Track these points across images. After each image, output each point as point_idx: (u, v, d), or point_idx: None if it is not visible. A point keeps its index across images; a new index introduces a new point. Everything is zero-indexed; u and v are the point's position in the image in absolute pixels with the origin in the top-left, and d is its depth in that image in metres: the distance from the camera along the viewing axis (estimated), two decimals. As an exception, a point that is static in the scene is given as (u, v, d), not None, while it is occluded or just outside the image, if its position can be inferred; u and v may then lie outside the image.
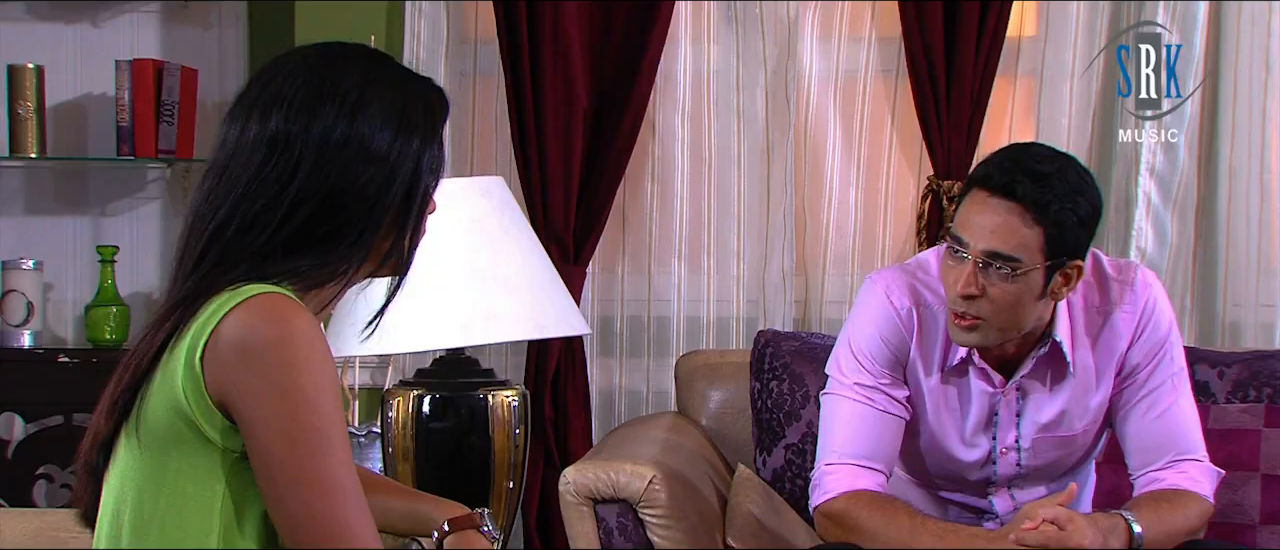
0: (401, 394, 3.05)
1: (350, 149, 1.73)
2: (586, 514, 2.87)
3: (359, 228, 1.74)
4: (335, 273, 1.76)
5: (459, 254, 2.93)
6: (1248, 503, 3.14)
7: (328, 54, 1.80)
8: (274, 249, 1.72)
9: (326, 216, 1.73)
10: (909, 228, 3.85)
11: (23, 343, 3.97)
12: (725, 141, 3.89)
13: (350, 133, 1.74)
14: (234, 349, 1.65)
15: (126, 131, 3.97)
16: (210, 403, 1.67)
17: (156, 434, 1.69)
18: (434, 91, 1.83)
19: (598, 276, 3.92)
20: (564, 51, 3.77)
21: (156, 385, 1.69)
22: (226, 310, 1.66)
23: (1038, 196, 2.45)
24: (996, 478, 2.71)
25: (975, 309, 2.50)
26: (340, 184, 1.73)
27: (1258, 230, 3.76)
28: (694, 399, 3.45)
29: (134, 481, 1.71)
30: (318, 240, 1.74)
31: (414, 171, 1.77)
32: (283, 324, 1.66)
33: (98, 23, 4.11)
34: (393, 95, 1.77)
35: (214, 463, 1.68)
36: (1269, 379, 3.21)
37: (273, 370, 1.64)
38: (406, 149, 1.76)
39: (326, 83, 1.76)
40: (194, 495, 1.69)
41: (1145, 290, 2.65)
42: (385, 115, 1.75)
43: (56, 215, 4.16)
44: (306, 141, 1.73)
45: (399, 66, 1.83)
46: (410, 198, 1.78)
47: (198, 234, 1.74)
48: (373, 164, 1.74)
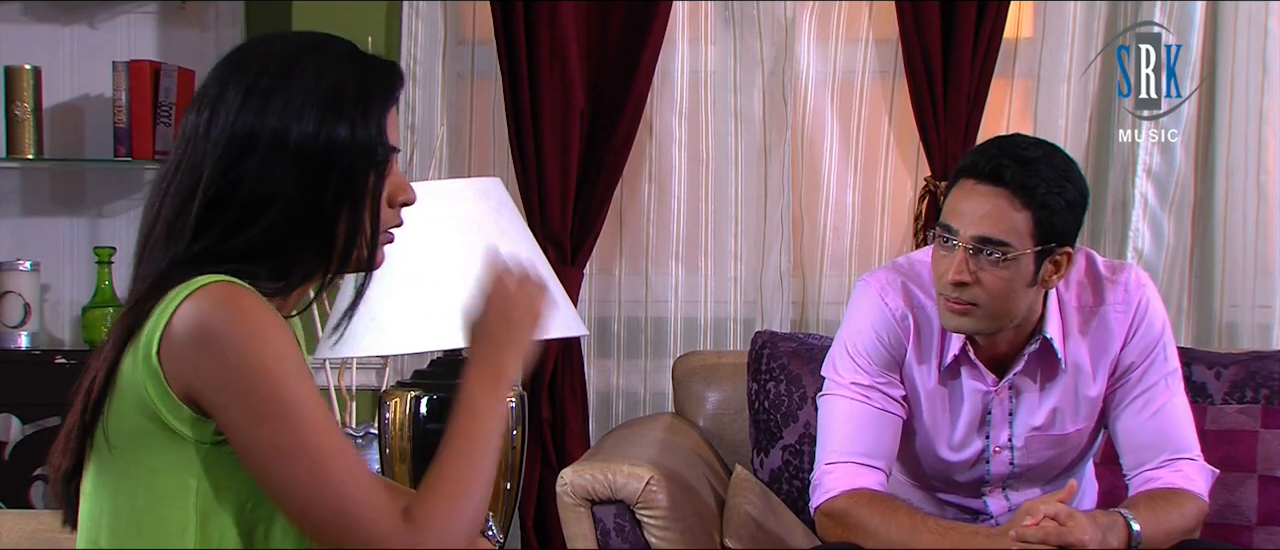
0: (398, 395, 3.05)
1: (260, 143, 1.68)
2: (584, 515, 2.87)
3: (290, 226, 1.69)
4: (283, 273, 1.72)
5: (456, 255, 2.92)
6: (1245, 504, 3.15)
7: (254, 43, 1.76)
8: (206, 254, 1.69)
9: (249, 218, 1.69)
10: (906, 229, 3.86)
11: (20, 344, 3.97)
12: (722, 142, 3.89)
13: (257, 125, 1.69)
14: (188, 339, 1.64)
15: (123, 132, 3.96)
16: (174, 397, 1.66)
17: (125, 434, 1.69)
18: (373, 73, 1.74)
19: (595, 277, 3.92)
20: (561, 52, 3.77)
21: (119, 386, 1.69)
22: (176, 303, 1.65)
23: (1025, 180, 2.46)
24: (990, 477, 2.72)
25: (968, 295, 2.51)
26: (251, 180, 1.68)
27: (1254, 231, 3.76)
28: (691, 400, 3.46)
29: (108, 483, 1.71)
30: (254, 242, 1.69)
31: (349, 160, 1.70)
32: (231, 306, 1.64)
33: (95, 24, 4.11)
34: (315, 82, 1.70)
35: (186, 456, 1.68)
36: (1266, 380, 3.22)
37: (228, 352, 1.63)
38: (334, 138, 1.69)
39: (236, 74, 1.72)
40: (168, 491, 1.68)
41: (1138, 290, 2.66)
42: (305, 104, 1.69)
43: (53, 216, 4.15)
44: (209, 138, 1.70)
45: (336, 50, 1.75)
46: (349, 189, 1.71)
47: (141, 237, 1.75)
48: (288, 157, 1.68)
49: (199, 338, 1.64)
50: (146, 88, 3.94)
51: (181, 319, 1.65)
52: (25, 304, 3.97)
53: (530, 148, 3.78)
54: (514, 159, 3.81)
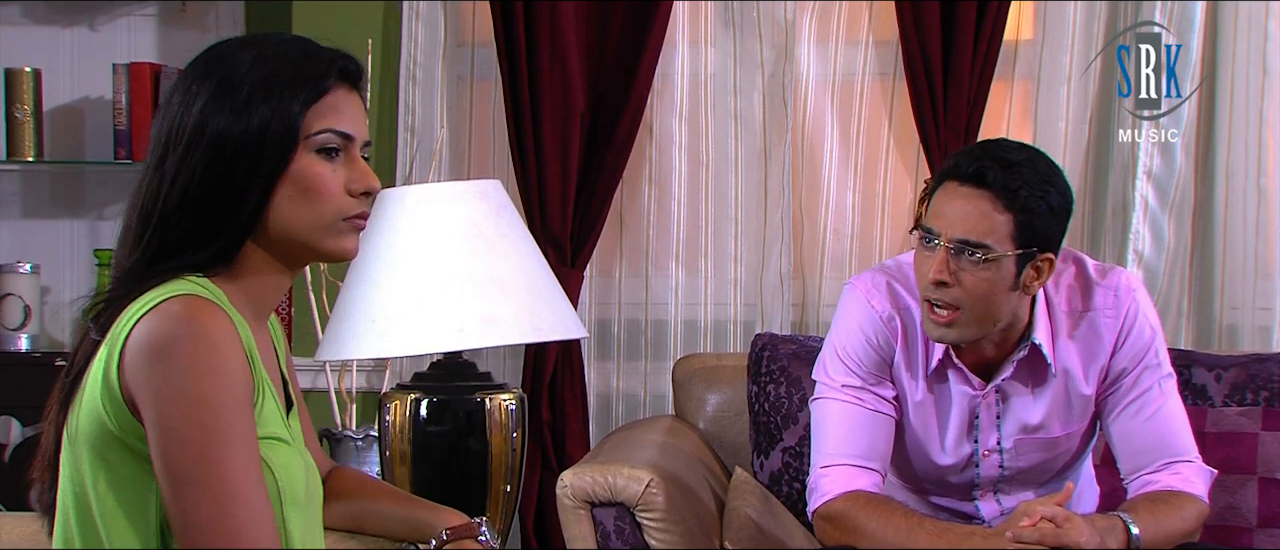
0: (398, 397, 3.05)
1: (184, 137, 1.71)
2: (584, 517, 2.87)
3: (206, 211, 1.71)
4: (222, 258, 1.73)
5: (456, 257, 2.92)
6: (1245, 506, 3.14)
7: (210, 46, 1.79)
8: (156, 252, 1.72)
9: (176, 209, 1.72)
10: (906, 230, 3.85)
11: (20, 346, 3.97)
12: (722, 144, 3.89)
13: (184, 121, 1.72)
14: (142, 351, 1.64)
15: (124, 135, 3.97)
16: (126, 410, 1.66)
17: (86, 442, 1.69)
18: (308, 61, 1.76)
19: (595, 280, 3.92)
20: (561, 54, 3.77)
21: (83, 392, 1.69)
22: (141, 314, 1.66)
23: (1007, 183, 2.46)
24: (980, 480, 2.72)
25: (948, 297, 2.51)
26: (172, 173, 1.71)
27: (1254, 233, 3.76)
28: (691, 402, 3.46)
29: (73, 491, 1.71)
30: (187, 232, 1.72)
31: (257, 146, 1.71)
32: (189, 324, 1.64)
33: (95, 26, 4.11)
34: (246, 72, 1.73)
35: (142, 471, 1.67)
36: (1266, 382, 3.22)
37: (173, 371, 1.63)
38: (247, 126, 1.71)
39: (184, 77, 1.76)
40: (127, 503, 1.68)
41: (1128, 295, 2.65)
42: (228, 96, 1.71)
43: (53, 218, 4.15)
44: (156, 141, 1.74)
45: (274, 44, 1.77)
46: (256, 171, 1.72)
47: (118, 240, 1.78)
48: (204, 147, 1.71)
49: (151, 352, 1.64)
50: (146, 90, 3.95)
51: (141, 331, 1.65)
52: (25, 306, 3.97)
53: (530, 150, 3.78)
54: (514, 161, 3.81)
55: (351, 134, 1.77)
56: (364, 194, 1.78)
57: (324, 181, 1.75)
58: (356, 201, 1.78)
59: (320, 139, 1.75)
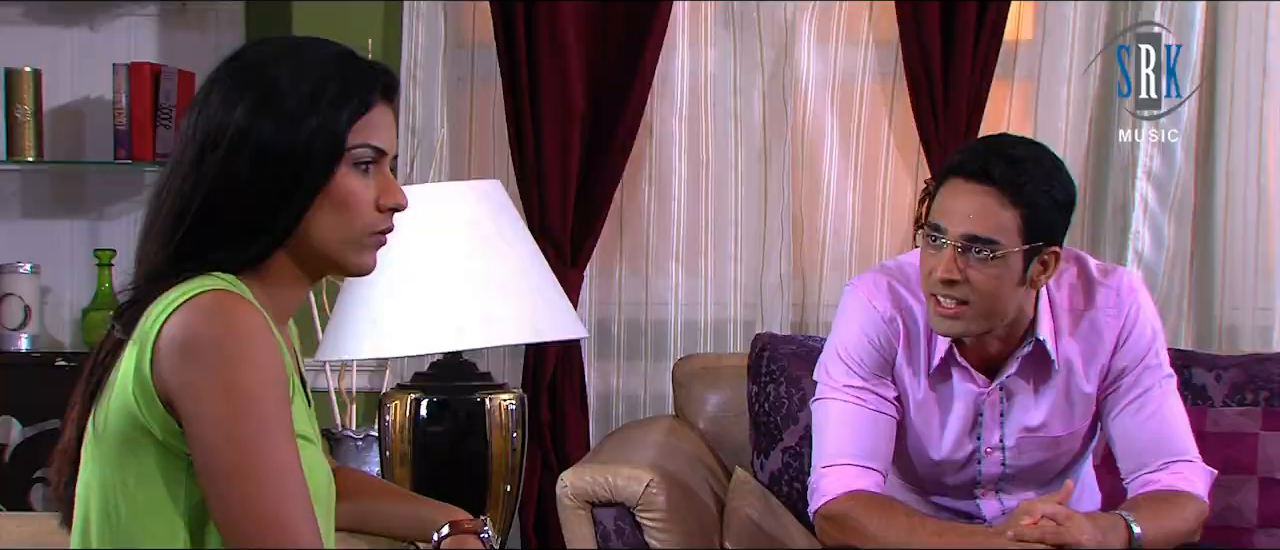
0: (399, 397, 3.05)
1: (225, 139, 1.70)
2: (584, 517, 2.87)
3: (243, 218, 1.71)
4: (253, 261, 1.73)
5: (456, 257, 2.92)
6: (1245, 506, 3.15)
7: (248, 46, 1.79)
8: (186, 251, 1.71)
9: (211, 212, 1.71)
10: (906, 231, 3.85)
11: (20, 346, 3.97)
12: (722, 145, 3.89)
13: (226, 122, 1.71)
14: (177, 347, 1.64)
15: (124, 135, 3.97)
16: (160, 406, 1.65)
17: (114, 439, 1.68)
18: (354, 76, 1.76)
19: (595, 280, 3.92)
20: (561, 55, 3.77)
21: (112, 390, 1.69)
22: (172, 310, 1.66)
23: (1013, 178, 2.46)
24: (982, 479, 2.72)
25: (957, 293, 2.51)
26: (211, 176, 1.70)
27: (1254, 233, 3.76)
28: (691, 402, 3.45)
29: (98, 488, 1.71)
30: (220, 236, 1.71)
31: (302, 159, 1.71)
32: (225, 317, 1.65)
33: (95, 26, 4.11)
34: (290, 83, 1.72)
35: (173, 466, 1.67)
36: (1266, 382, 3.22)
37: (213, 366, 1.63)
38: (293, 137, 1.71)
39: (222, 75, 1.75)
40: (157, 500, 1.68)
41: (1130, 295, 2.66)
42: (273, 103, 1.71)
43: (54, 218, 4.15)
44: (194, 137, 1.73)
45: (319, 52, 1.77)
46: (296, 185, 1.72)
47: (140, 235, 1.77)
48: (248, 153, 1.70)
49: (187, 348, 1.64)
50: (147, 90, 3.94)
51: (174, 327, 1.65)
52: (25, 306, 3.97)
53: (530, 150, 3.78)
54: (514, 161, 3.81)
55: (385, 149, 1.78)
56: (391, 210, 1.79)
57: (358, 197, 1.76)
58: (384, 217, 1.79)
59: (357, 153, 1.75)
